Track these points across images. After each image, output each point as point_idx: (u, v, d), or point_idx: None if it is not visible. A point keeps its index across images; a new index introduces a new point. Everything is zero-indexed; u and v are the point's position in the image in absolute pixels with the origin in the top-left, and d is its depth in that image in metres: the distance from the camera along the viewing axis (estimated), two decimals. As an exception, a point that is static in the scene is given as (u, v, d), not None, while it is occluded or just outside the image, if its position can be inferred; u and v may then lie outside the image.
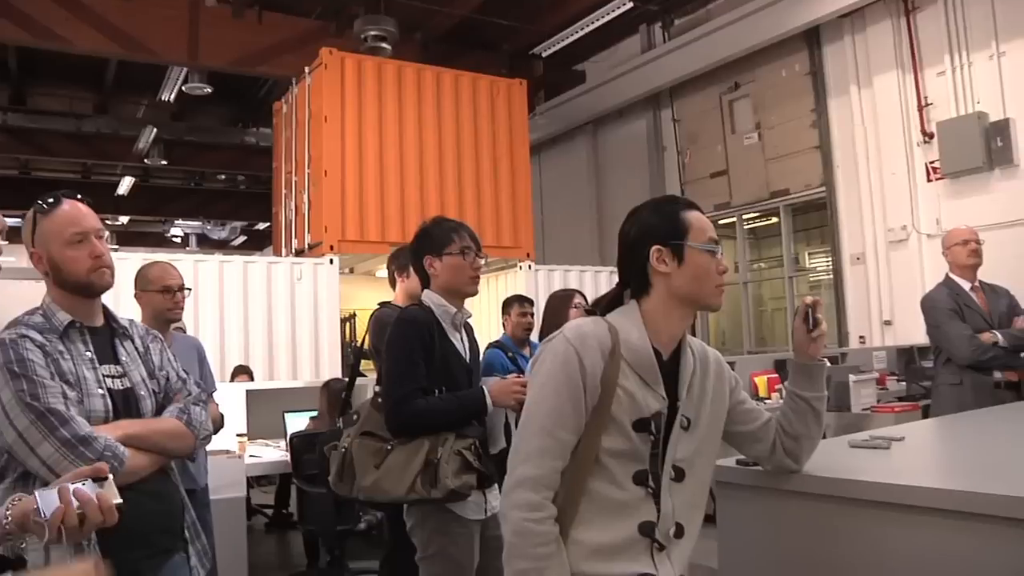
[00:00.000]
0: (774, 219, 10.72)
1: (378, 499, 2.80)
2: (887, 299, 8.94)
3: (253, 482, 6.05)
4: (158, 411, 2.21)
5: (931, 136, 8.90)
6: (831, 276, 9.90)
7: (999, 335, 4.22)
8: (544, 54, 11.63)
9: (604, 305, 1.97)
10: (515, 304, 5.36)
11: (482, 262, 3.03)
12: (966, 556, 1.76)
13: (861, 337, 9.30)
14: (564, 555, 1.75)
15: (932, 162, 8.89)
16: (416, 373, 2.77)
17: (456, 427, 2.76)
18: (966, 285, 4.41)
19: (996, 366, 4.22)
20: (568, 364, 1.79)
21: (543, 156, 13.21)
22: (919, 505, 1.85)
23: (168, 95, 11.97)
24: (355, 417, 2.92)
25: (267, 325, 7.84)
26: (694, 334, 7.78)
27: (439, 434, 2.73)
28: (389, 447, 2.76)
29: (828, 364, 2.11)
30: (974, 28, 8.62)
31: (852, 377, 6.21)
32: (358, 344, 4.16)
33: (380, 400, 2.85)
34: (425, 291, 2.97)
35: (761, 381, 6.72)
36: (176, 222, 19.92)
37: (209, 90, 11.23)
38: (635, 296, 1.93)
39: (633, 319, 1.88)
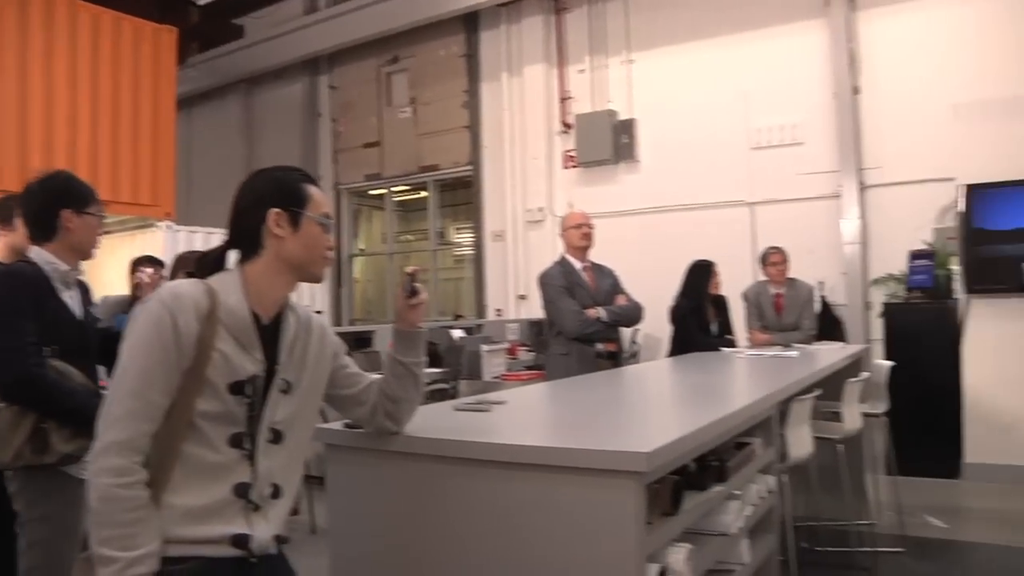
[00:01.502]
0: (423, 193, 11.02)
1: None
2: (523, 275, 9.53)
3: None
4: None
5: (569, 127, 9.63)
6: (474, 251, 10.38)
7: (602, 311, 4.67)
8: (201, 2, 10.98)
9: (206, 267, 1.94)
10: (145, 264, 5.06)
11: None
12: (556, 505, 1.92)
13: (498, 310, 9.87)
14: (155, 520, 1.70)
15: (569, 151, 9.64)
16: (22, 328, 2.55)
17: (62, 420, 2.57)
18: (578, 265, 4.82)
19: (598, 339, 4.68)
20: (160, 325, 1.73)
21: (194, 111, 12.49)
22: (506, 460, 2.00)
23: None
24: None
25: None
26: (338, 305, 7.82)
27: None
28: None
29: (427, 331, 2.22)
30: (611, 35, 9.45)
31: (484, 347, 6.59)
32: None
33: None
34: (34, 248, 2.72)
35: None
36: None
37: None
38: (243, 258, 1.91)
39: (234, 282, 1.87)
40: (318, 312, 6.88)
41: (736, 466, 2.58)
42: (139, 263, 5.11)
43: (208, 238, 8.83)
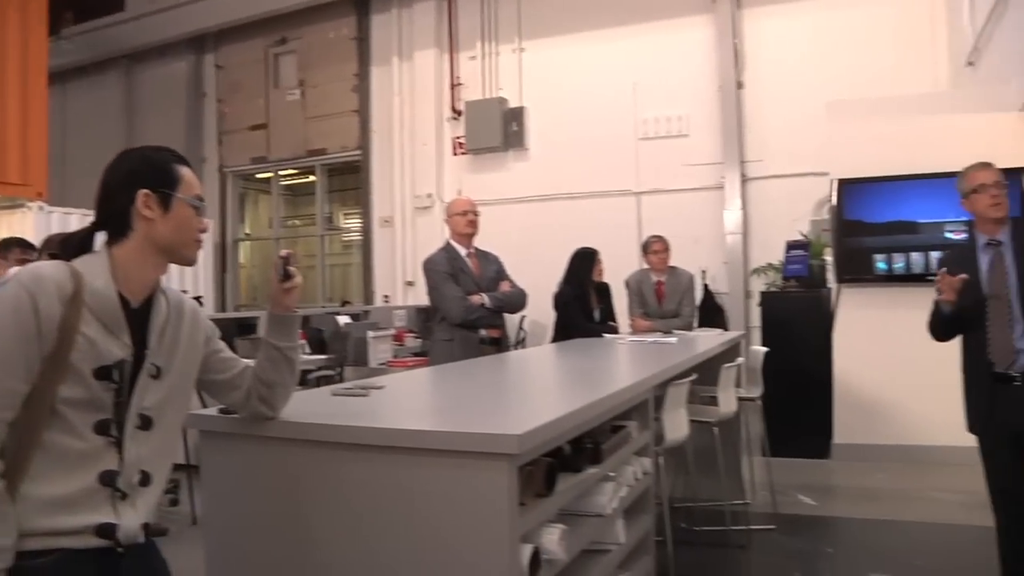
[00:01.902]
0: (311, 177, 10.85)
1: None
2: (411, 261, 9.50)
3: None
4: None
5: (459, 114, 9.63)
6: (362, 237, 10.27)
7: (486, 298, 4.68)
8: (75, -32, 10.51)
9: (71, 248, 1.86)
10: (14, 248, 4.79)
11: None
12: (431, 488, 1.91)
13: (386, 296, 9.81)
14: (11, 513, 1.62)
15: (458, 137, 9.63)
16: None
17: None
18: (463, 251, 4.81)
19: (482, 325, 4.68)
20: (20, 309, 1.65)
21: (69, 87, 11.92)
22: (380, 444, 1.98)
23: None
24: None
25: None
26: (223, 291, 7.60)
27: None
28: None
29: (300, 315, 2.18)
30: (503, 22, 9.48)
31: (371, 334, 6.52)
32: None
33: None
34: None
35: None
36: None
37: None
38: (111, 240, 1.84)
39: (101, 265, 1.79)
40: (198, 298, 6.74)
41: (611, 448, 2.61)
42: (6, 246, 4.84)
43: (83, 220, 8.28)
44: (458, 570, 1.87)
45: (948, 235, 5.92)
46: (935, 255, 5.89)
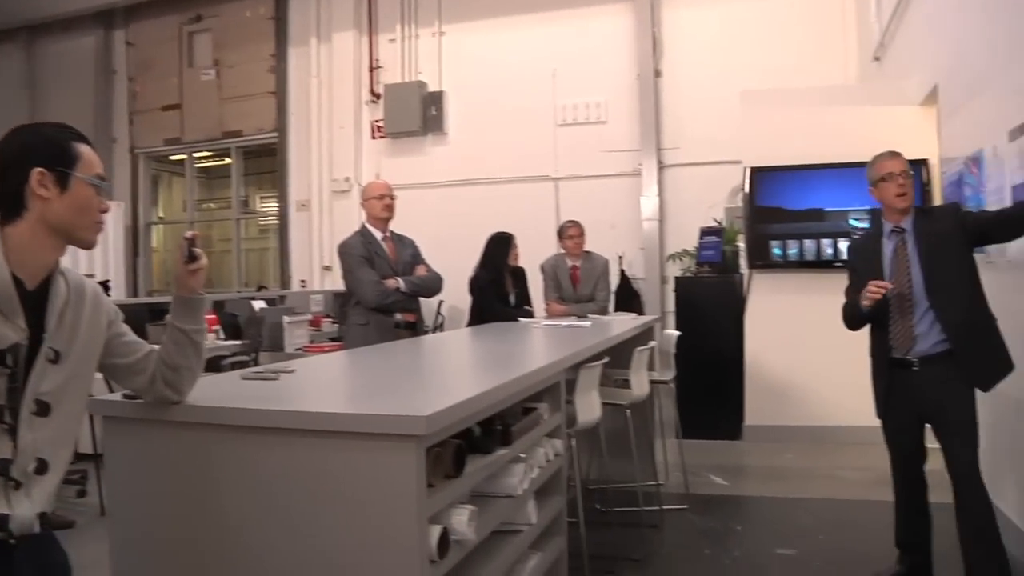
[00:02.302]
0: (226, 160, 10.64)
1: None
2: (328, 245, 9.38)
3: None
4: None
5: (378, 97, 9.54)
6: (279, 221, 10.11)
7: (401, 281, 4.65)
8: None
9: None
10: None
11: None
12: (339, 471, 1.90)
13: (303, 281, 9.70)
14: None
15: (377, 121, 9.56)
16: None
17: None
18: (378, 235, 4.77)
19: (397, 309, 4.66)
20: None
21: (-38, 57, 11.44)
22: (287, 428, 1.96)
23: None
24: None
25: None
26: (135, 276, 7.40)
27: None
28: None
29: (207, 297, 2.14)
30: (422, 5, 9.43)
31: (287, 319, 6.44)
32: None
33: None
34: None
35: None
36: None
37: None
38: (5, 220, 1.77)
39: None
40: (105, 283, 6.54)
41: (521, 430, 2.63)
42: None
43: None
44: (369, 551, 1.87)
45: (853, 222, 6.10)
46: (843, 242, 6.06)
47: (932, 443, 3.33)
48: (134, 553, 2.16)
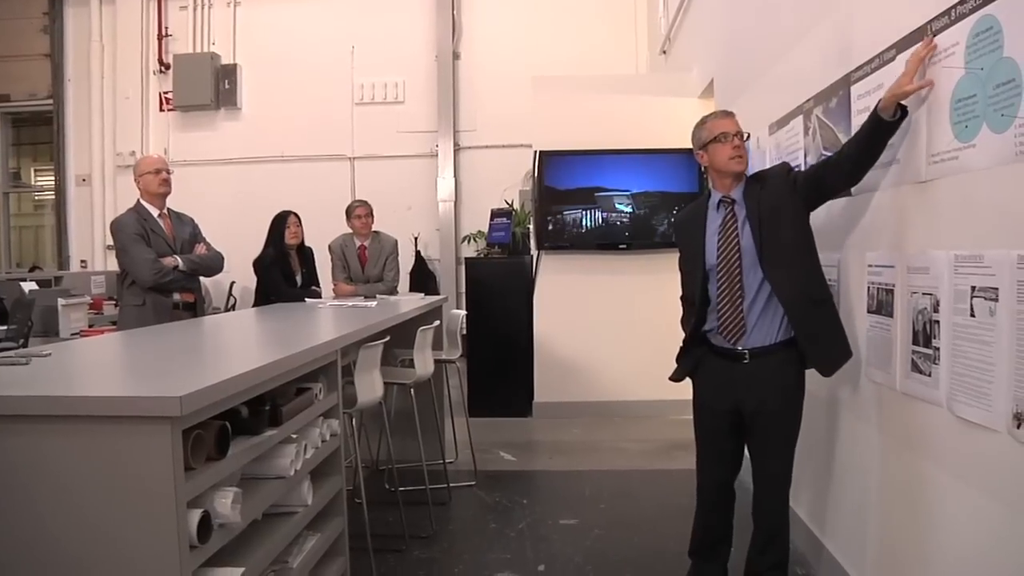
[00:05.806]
0: (-2, 128, 9.84)
1: None
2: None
3: None
4: None
5: (168, 67, 9.10)
6: (55, 196, 9.46)
7: (180, 260, 4.48)
8: None
9: None
10: None
11: None
12: (93, 457, 1.82)
13: (83, 261, 9.14)
14: None
15: (166, 92, 9.11)
16: None
17: None
18: (155, 212, 4.56)
19: (175, 288, 4.49)
20: None
21: None
22: (32, 414, 1.85)
23: None
24: None
25: None
26: None
27: None
28: None
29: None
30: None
31: (62, 301, 6.06)
32: None
33: None
34: None
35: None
36: None
37: None
38: None
39: None
40: None
41: (292, 411, 2.60)
42: None
43: None
44: (127, 540, 1.81)
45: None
46: (627, 224, 6.36)
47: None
48: None
